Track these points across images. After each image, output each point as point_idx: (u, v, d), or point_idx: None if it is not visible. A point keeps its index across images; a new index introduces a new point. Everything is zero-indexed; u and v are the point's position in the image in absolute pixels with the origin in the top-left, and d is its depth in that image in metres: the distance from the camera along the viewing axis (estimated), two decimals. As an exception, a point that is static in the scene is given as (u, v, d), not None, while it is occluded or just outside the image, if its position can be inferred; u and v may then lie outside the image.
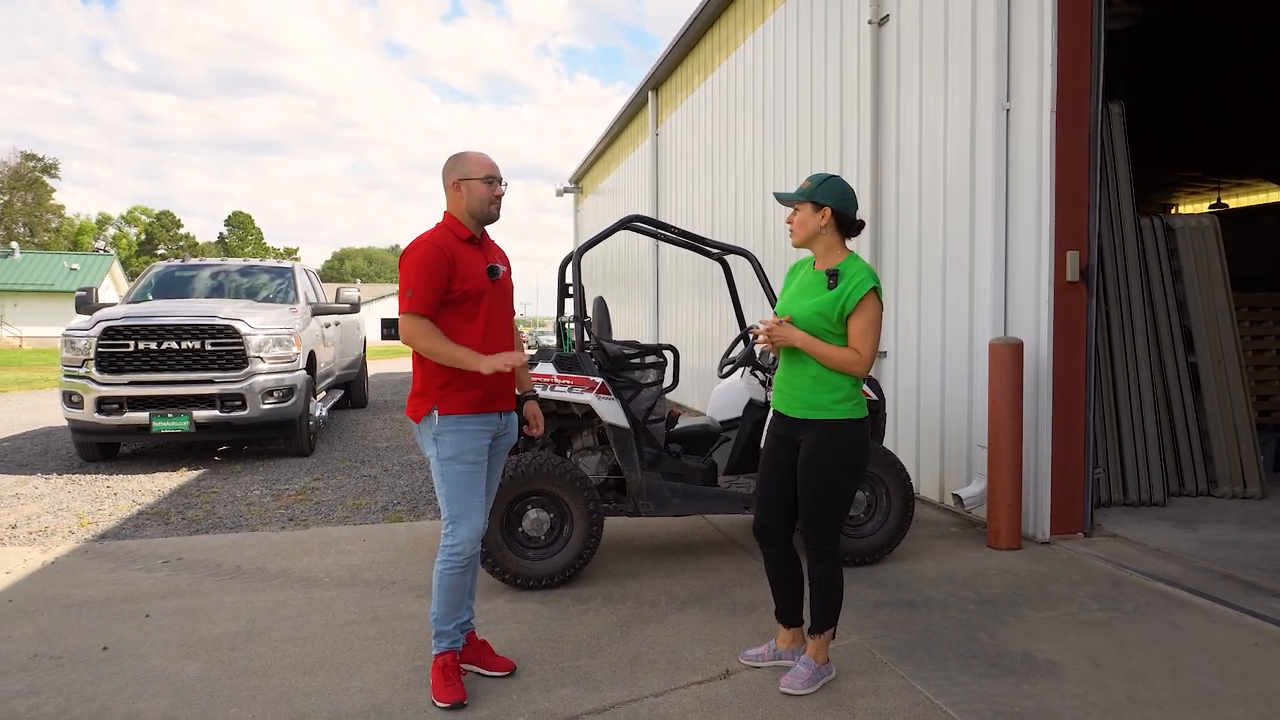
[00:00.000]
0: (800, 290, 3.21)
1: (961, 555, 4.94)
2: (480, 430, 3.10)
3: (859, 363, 3.04)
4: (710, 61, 11.44)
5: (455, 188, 3.13)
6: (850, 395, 3.10)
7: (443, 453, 3.06)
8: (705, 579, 4.51)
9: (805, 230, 3.15)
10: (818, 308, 3.08)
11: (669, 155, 13.85)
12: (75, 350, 7.73)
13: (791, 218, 3.20)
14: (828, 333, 3.07)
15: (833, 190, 3.13)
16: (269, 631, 3.80)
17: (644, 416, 4.67)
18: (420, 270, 2.99)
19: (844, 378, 3.08)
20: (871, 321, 3.06)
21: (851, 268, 3.11)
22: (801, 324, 3.10)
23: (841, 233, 3.16)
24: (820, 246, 3.18)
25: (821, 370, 3.08)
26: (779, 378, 3.24)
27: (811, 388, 3.10)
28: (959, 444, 5.93)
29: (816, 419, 3.09)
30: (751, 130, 9.87)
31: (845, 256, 3.16)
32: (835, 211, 3.12)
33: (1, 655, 3.57)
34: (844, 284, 3.07)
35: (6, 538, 5.53)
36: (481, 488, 3.14)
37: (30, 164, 65.86)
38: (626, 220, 4.85)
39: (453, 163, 3.16)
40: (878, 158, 6.92)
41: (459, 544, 3.10)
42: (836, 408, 3.08)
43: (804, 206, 3.15)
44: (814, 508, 3.12)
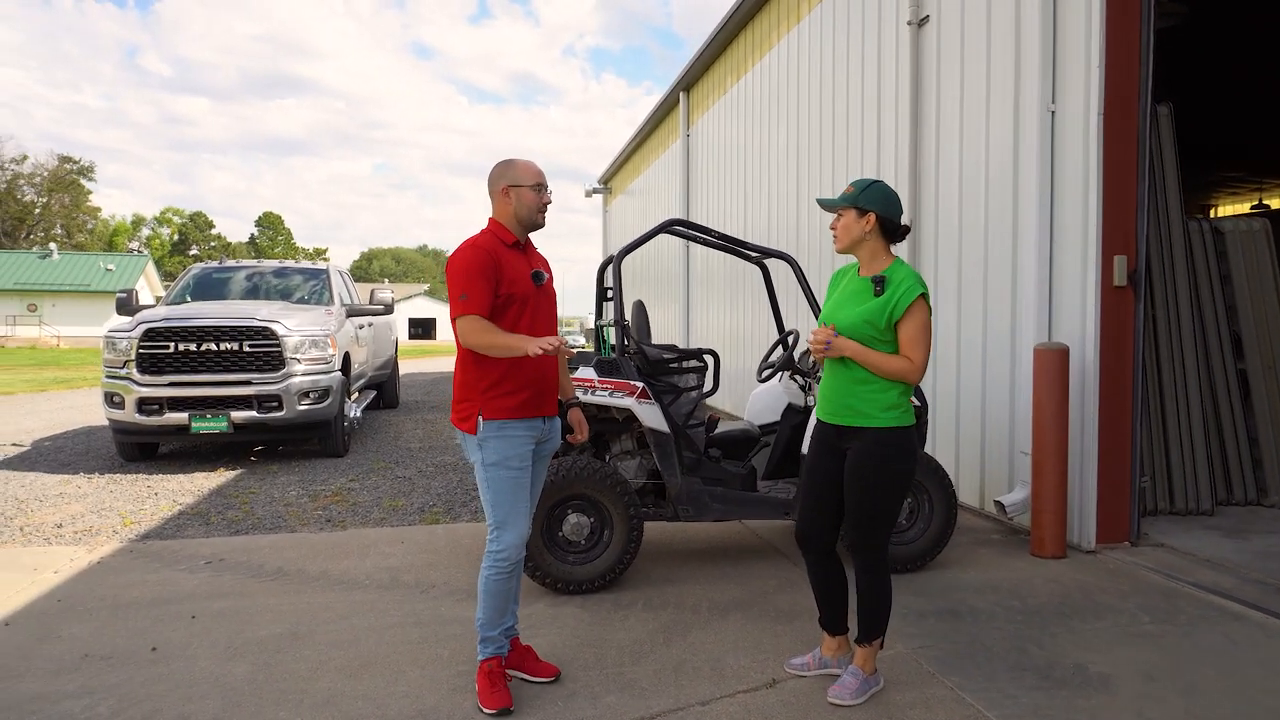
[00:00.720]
0: (846, 298, 3.17)
1: (1005, 563, 4.87)
2: (524, 435, 3.09)
3: (913, 370, 3.01)
4: (744, 63, 11.39)
5: (504, 194, 3.14)
6: (898, 403, 3.06)
7: (487, 458, 3.06)
8: (746, 585, 4.48)
9: (849, 236, 3.12)
10: (865, 315, 3.04)
11: (700, 156, 13.81)
12: (117, 351, 7.84)
13: (835, 223, 3.16)
14: (876, 340, 3.04)
15: (877, 195, 3.10)
16: (313, 634, 3.83)
17: (684, 421, 4.65)
18: (470, 273, 3.00)
19: (892, 385, 3.05)
20: (922, 328, 3.02)
21: (898, 273, 3.07)
22: (848, 332, 3.06)
23: (886, 238, 3.13)
24: (865, 252, 3.14)
25: (869, 377, 3.05)
26: (824, 385, 3.21)
27: (858, 395, 3.07)
28: (1000, 450, 5.85)
29: (864, 427, 3.06)
30: (786, 132, 9.81)
31: (891, 262, 3.12)
32: (880, 217, 3.08)
33: (54, 655, 3.62)
34: (891, 290, 3.03)
35: (54, 537, 5.62)
36: (526, 493, 3.13)
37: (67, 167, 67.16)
38: (667, 224, 4.83)
39: (502, 169, 3.17)
40: (916, 160, 6.85)
41: (504, 550, 3.10)
42: (884, 415, 3.04)
43: (848, 212, 3.11)
44: (862, 516, 3.08)
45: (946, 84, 6.46)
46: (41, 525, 5.91)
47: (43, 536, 5.61)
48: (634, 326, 4.99)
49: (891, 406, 3.05)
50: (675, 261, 14.97)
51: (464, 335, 3.00)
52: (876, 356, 3.02)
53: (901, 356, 3.02)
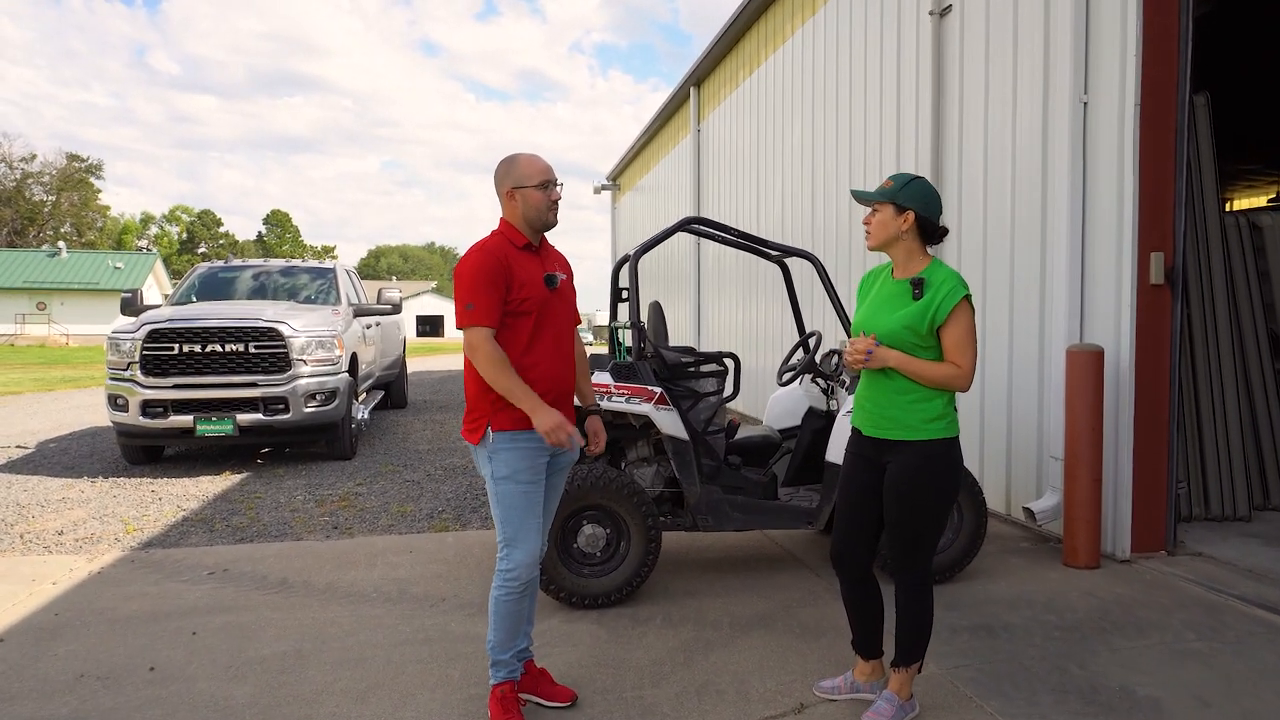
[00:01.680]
0: (881, 302, 2.97)
1: (1037, 574, 4.67)
2: (536, 448, 2.91)
3: (961, 377, 2.82)
4: (756, 56, 11.19)
5: (510, 197, 2.95)
6: (943, 413, 2.87)
7: (497, 472, 2.88)
8: (769, 598, 4.30)
9: (884, 233, 2.92)
10: (905, 321, 2.85)
11: (711, 152, 13.61)
12: (120, 353, 7.70)
13: (869, 218, 2.95)
14: (916, 347, 2.84)
15: (917, 193, 2.90)
16: (318, 653, 3.66)
17: (703, 427, 4.47)
18: (477, 280, 2.81)
19: (936, 394, 2.86)
20: (968, 331, 2.83)
21: (938, 275, 2.88)
22: (887, 339, 2.87)
23: (923, 239, 2.93)
24: (900, 252, 2.94)
25: (911, 386, 2.86)
26: (860, 394, 3.01)
27: (900, 405, 2.87)
28: (1028, 455, 5.65)
29: (906, 440, 2.87)
30: (800, 128, 9.61)
31: (928, 263, 2.93)
32: (919, 216, 2.88)
33: (48, 674, 3.47)
34: (932, 293, 2.84)
35: (54, 545, 5.47)
36: (539, 508, 2.96)
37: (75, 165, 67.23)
38: (685, 222, 4.64)
39: (504, 169, 2.98)
40: (938, 155, 6.65)
41: (514, 569, 2.92)
42: (928, 427, 2.85)
43: (884, 208, 2.91)
44: (904, 536, 2.90)
45: (970, 76, 6.25)
46: (42, 533, 5.77)
47: (43, 545, 5.46)
48: (651, 329, 4.81)
49: (937, 417, 2.85)
50: (686, 260, 14.78)
51: (474, 355, 2.81)
52: (919, 365, 2.83)
53: (948, 363, 2.83)
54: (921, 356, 2.84)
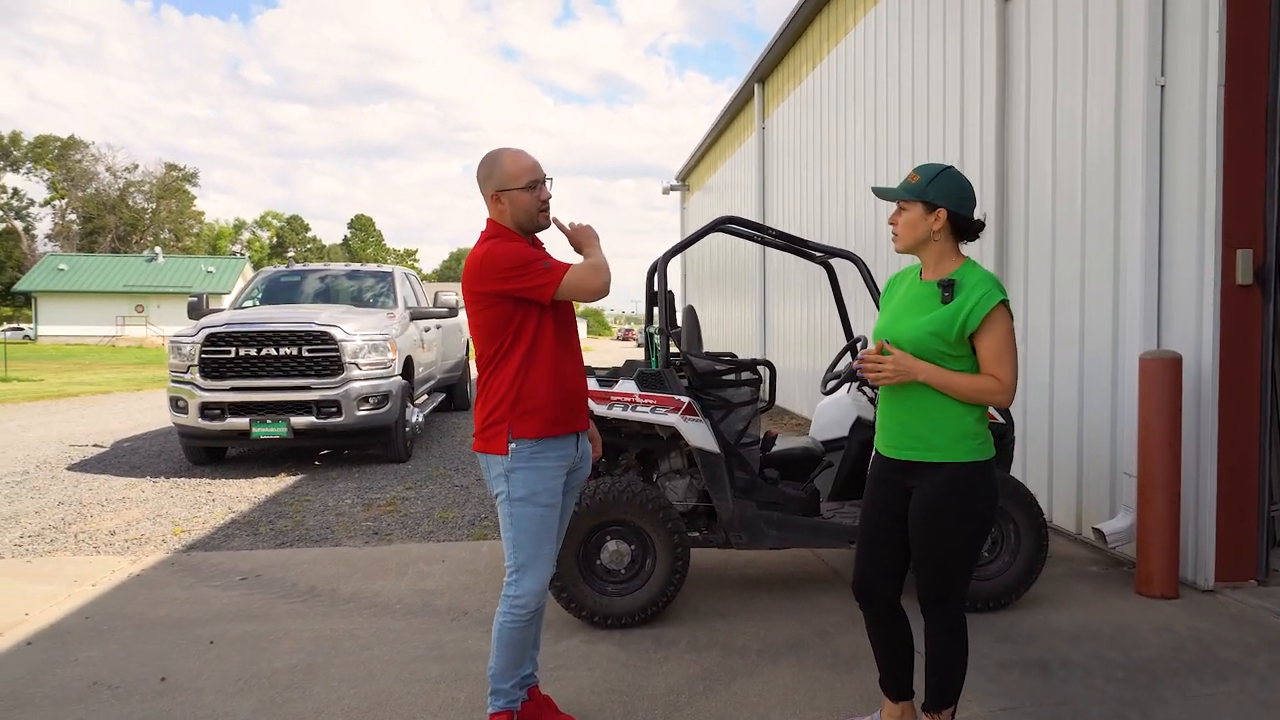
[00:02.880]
0: (905, 306, 2.66)
1: (1105, 603, 4.28)
2: (556, 466, 2.74)
3: (1001, 391, 2.49)
4: (819, 49, 10.83)
5: (495, 200, 2.77)
6: (974, 431, 2.56)
7: (514, 492, 2.70)
8: (805, 622, 4.03)
9: (913, 235, 2.61)
10: (931, 326, 2.54)
11: (775, 150, 13.27)
12: (181, 356, 7.87)
13: (895, 217, 2.65)
14: (944, 356, 2.54)
15: (948, 187, 2.58)
16: (328, 667, 3.57)
17: (736, 439, 4.23)
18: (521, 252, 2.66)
19: (967, 411, 2.55)
20: (1007, 339, 2.51)
21: (970, 276, 2.56)
22: (910, 347, 2.56)
23: (956, 237, 2.62)
24: (930, 254, 2.63)
25: (937, 401, 2.55)
26: (881, 410, 2.71)
27: (925, 423, 2.57)
28: (1100, 469, 5.22)
29: (933, 462, 2.57)
30: (862, 121, 9.23)
31: (960, 264, 2.62)
32: (951, 213, 2.57)
33: (64, 681, 3.46)
34: (963, 296, 2.53)
35: (104, 545, 5.57)
36: (554, 533, 2.78)
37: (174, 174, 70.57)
38: (719, 222, 4.42)
39: (487, 169, 2.78)
40: (1003, 147, 6.23)
41: (523, 596, 2.75)
42: (957, 447, 2.54)
43: (912, 206, 2.60)
44: (933, 568, 2.60)
45: (1038, 62, 5.83)
46: (96, 532, 5.89)
47: (94, 545, 5.57)
48: (684, 334, 4.59)
49: (969, 435, 2.54)
50: (750, 260, 14.47)
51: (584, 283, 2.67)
52: (951, 377, 2.51)
53: (986, 375, 2.51)
54: (950, 367, 2.54)
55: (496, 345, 2.71)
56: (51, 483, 7.62)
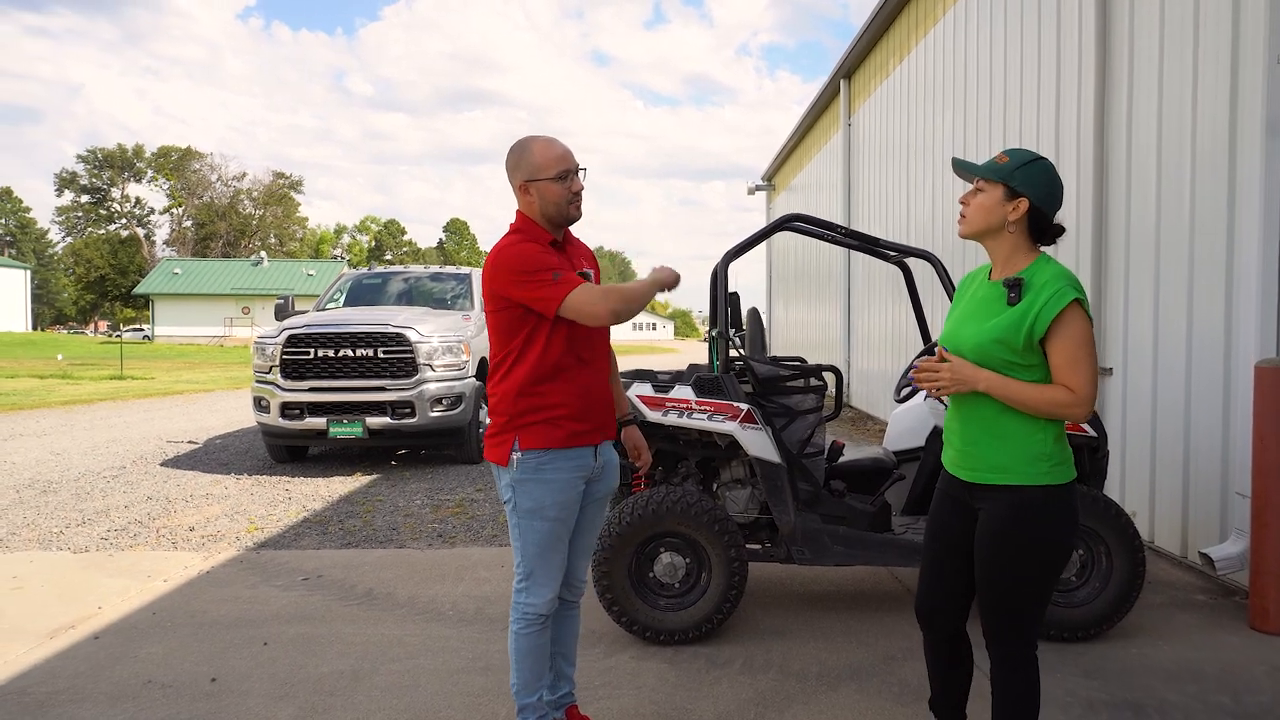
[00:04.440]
0: (972, 310, 2.38)
1: (1212, 638, 3.87)
2: (568, 478, 2.59)
3: (1076, 404, 2.18)
4: (906, 42, 10.41)
5: (524, 190, 2.62)
6: (1049, 452, 2.26)
7: (521, 503, 2.58)
8: (869, 646, 3.77)
9: (985, 220, 2.32)
10: (995, 333, 2.25)
11: (861, 147, 12.85)
12: (264, 357, 8.08)
13: (969, 197, 2.36)
14: (1013, 365, 2.25)
15: (1038, 177, 2.28)
16: (374, 675, 3.52)
17: (799, 448, 4.00)
18: (532, 257, 2.50)
19: (1039, 427, 2.25)
20: (1082, 343, 2.19)
21: (1041, 274, 2.26)
22: (974, 355, 2.28)
23: (1033, 235, 2.33)
24: (1002, 247, 2.34)
25: (1006, 417, 2.27)
26: (949, 425, 2.45)
27: (992, 442, 2.29)
28: (1209, 488, 4.76)
29: (1001, 484, 2.29)
30: (951, 114, 8.80)
31: (1032, 260, 2.32)
32: (1033, 206, 2.28)
33: (120, 678, 3.51)
34: (1032, 296, 2.23)
35: (181, 541, 5.72)
36: (564, 546, 2.63)
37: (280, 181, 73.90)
38: (785, 220, 4.20)
39: (515, 158, 2.63)
40: (1103, 140, 5.79)
41: (534, 603, 2.63)
42: (1031, 469, 2.25)
43: (992, 188, 2.30)
44: (997, 603, 2.33)
45: (1141, 47, 5.38)
46: (177, 528, 6.06)
47: (172, 541, 5.73)
48: (748, 338, 4.39)
49: (1042, 456, 2.24)
50: (835, 261, 14.06)
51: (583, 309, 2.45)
52: (1019, 388, 2.22)
53: (1058, 385, 2.21)
54: (1020, 378, 2.25)
55: (508, 349, 2.58)
56: (144, 478, 7.93)
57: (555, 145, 2.63)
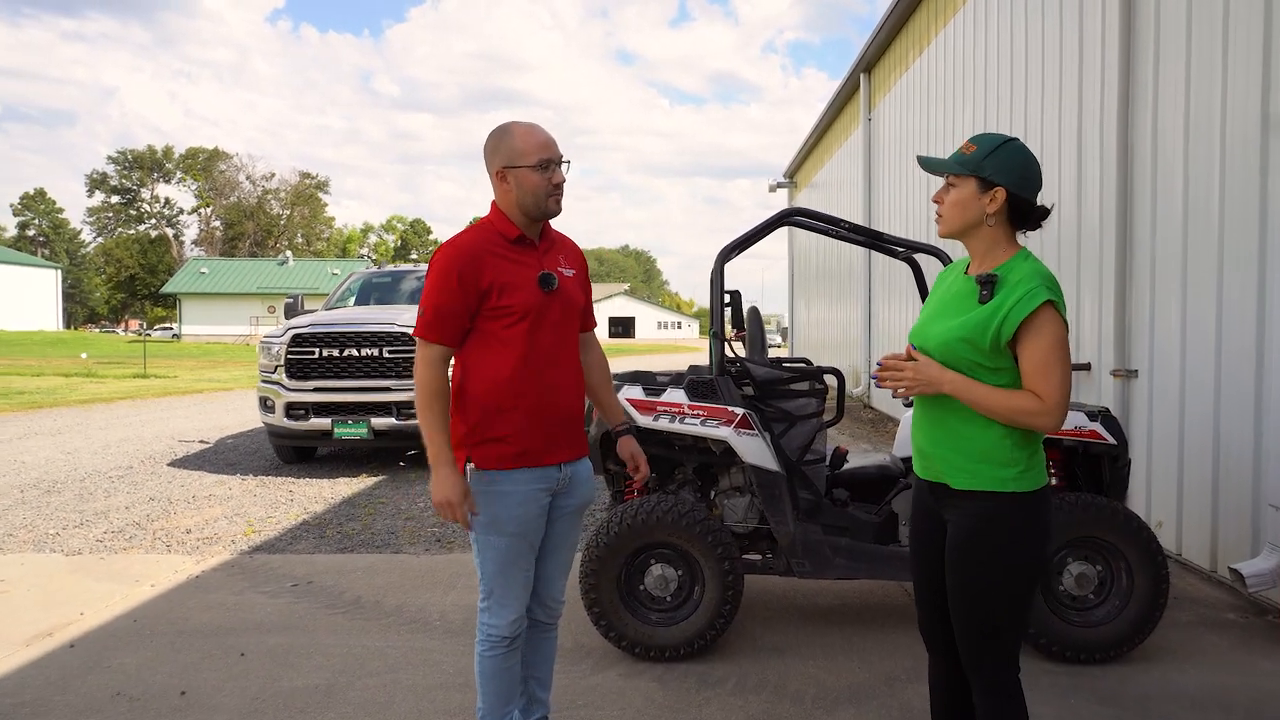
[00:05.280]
0: (943, 305, 2.22)
1: (1243, 661, 3.62)
2: (528, 491, 2.41)
3: (1044, 413, 2.01)
4: (926, 33, 10.13)
5: (500, 178, 2.45)
6: (1012, 457, 2.07)
7: (477, 518, 2.41)
8: (871, 665, 3.57)
9: (962, 217, 2.15)
10: (962, 331, 2.08)
11: (882, 143, 12.58)
12: (270, 356, 8.00)
13: (942, 195, 2.19)
14: (979, 367, 2.07)
15: (1010, 161, 2.10)
16: (348, 690, 3.37)
17: (799, 455, 3.80)
18: (438, 284, 2.34)
19: (1004, 433, 2.08)
20: (1053, 348, 2.01)
21: (1016, 271, 2.09)
22: (938, 354, 2.12)
23: (1014, 224, 2.15)
24: (982, 241, 2.16)
25: (966, 418, 2.10)
26: (913, 427, 2.28)
27: (957, 443, 2.12)
28: (1240, 499, 4.50)
29: (966, 490, 2.11)
30: (970, 107, 8.53)
31: (1010, 255, 2.15)
32: (1010, 194, 2.10)
33: (89, 690, 3.39)
34: (1003, 295, 2.06)
35: (177, 544, 5.63)
36: (525, 564, 2.46)
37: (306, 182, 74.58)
38: (785, 214, 4.00)
39: (495, 142, 2.46)
40: (1127, 130, 5.52)
41: (496, 624, 2.45)
42: (992, 474, 2.08)
43: (963, 182, 2.14)
44: (971, 623, 2.14)
45: (1168, 41, 5.11)
46: (174, 530, 5.98)
47: (167, 543, 5.64)
48: (747, 338, 4.20)
49: (1006, 462, 2.08)
50: (856, 259, 13.79)
51: (417, 374, 2.36)
52: (984, 392, 2.05)
53: (1025, 392, 2.04)
54: (987, 381, 2.07)
55: (460, 358, 2.42)
56: (150, 478, 7.88)
57: (538, 132, 2.47)
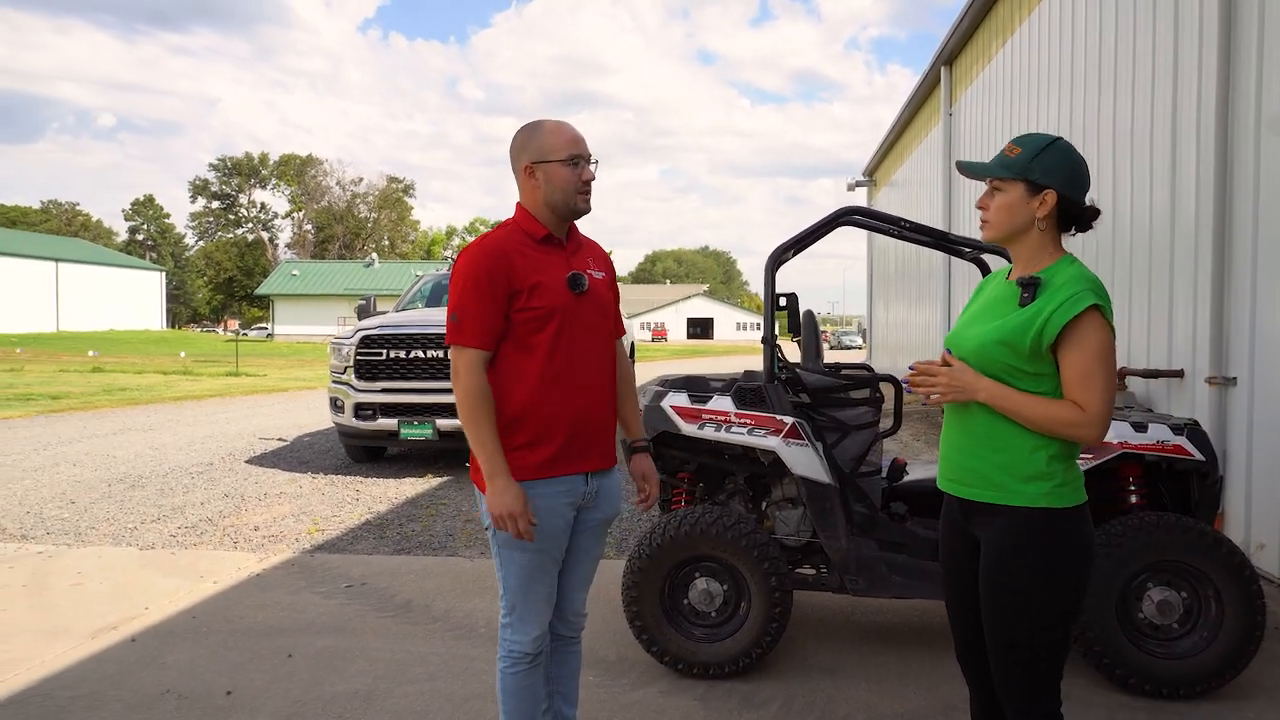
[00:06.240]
0: (982, 310, 2.11)
1: (1348, 701, 3.28)
2: (552, 506, 2.32)
3: (1086, 424, 1.90)
4: (1009, 22, 9.70)
5: (528, 174, 2.36)
6: (1047, 470, 1.95)
7: (500, 532, 2.33)
8: (928, 691, 3.36)
9: (1010, 222, 2.03)
10: (1000, 333, 1.97)
11: (963, 138, 12.12)
12: (340, 357, 8.16)
13: (987, 200, 2.07)
14: (1017, 373, 1.96)
15: (1058, 163, 1.99)
16: (387, 697, 3.35)
17: (852, 467, 3.62)
18: (465, 287, 2.26)
19: (1039, 444, 1.96)
20: (1098, 355, 1.90)
21: (1060, 274, 1.98)
22: (973, 359, 2.01)
23: (1061, 226, 2.03)
24: (1028, 246, 2.04)
25: (1000, 428, 1.98)
26: (943, 436, 2.16)
27: (982, 455, 2.01)
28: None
29: (996, 504, 1.99)
30: (1056, 100, 8.10)
31: (1056, 259, 2.02)
32: (1061, 197, 1.98)
33: (142, 686, 3.46)
34: (1045, 298, 1.95)
35: (244, 541, 5.76)
36: (549, 579, 2.37)
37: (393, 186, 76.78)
38: (841, 213, 3.82)
39: (523, 139, 2.38)
40: (1227, 122, 5.12)
41: (518, 640, 2.37)
42: (1024, 489, 1.96)
43: (1011, 186, 2.02)
44: (1005, 650, 2.00)
45: (1274, 17, 4.71)
46: (243, 527, 6.12)
47: (234, 540, 5.77)
48: (802, 344, 4.03)
49: (1038, 475, 1.95)
50: (936, 258, 13.32)
51: (455, 383, 2.28)
52: (1025, 401, 1.94)
53: (1066, 402, 1.93)
54: (1024, 387, 1.95)
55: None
56: (227, 474, 8.13)
57: (568, 128, 2.40)
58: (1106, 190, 6.86)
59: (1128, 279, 6.46)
